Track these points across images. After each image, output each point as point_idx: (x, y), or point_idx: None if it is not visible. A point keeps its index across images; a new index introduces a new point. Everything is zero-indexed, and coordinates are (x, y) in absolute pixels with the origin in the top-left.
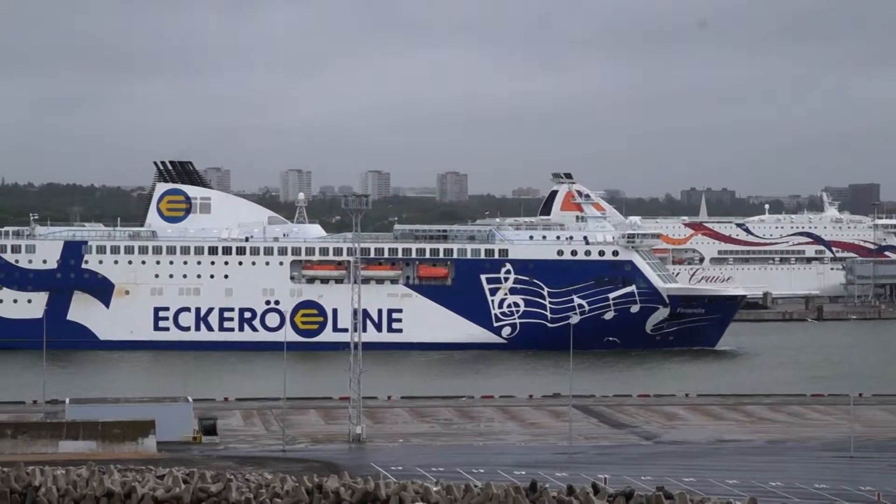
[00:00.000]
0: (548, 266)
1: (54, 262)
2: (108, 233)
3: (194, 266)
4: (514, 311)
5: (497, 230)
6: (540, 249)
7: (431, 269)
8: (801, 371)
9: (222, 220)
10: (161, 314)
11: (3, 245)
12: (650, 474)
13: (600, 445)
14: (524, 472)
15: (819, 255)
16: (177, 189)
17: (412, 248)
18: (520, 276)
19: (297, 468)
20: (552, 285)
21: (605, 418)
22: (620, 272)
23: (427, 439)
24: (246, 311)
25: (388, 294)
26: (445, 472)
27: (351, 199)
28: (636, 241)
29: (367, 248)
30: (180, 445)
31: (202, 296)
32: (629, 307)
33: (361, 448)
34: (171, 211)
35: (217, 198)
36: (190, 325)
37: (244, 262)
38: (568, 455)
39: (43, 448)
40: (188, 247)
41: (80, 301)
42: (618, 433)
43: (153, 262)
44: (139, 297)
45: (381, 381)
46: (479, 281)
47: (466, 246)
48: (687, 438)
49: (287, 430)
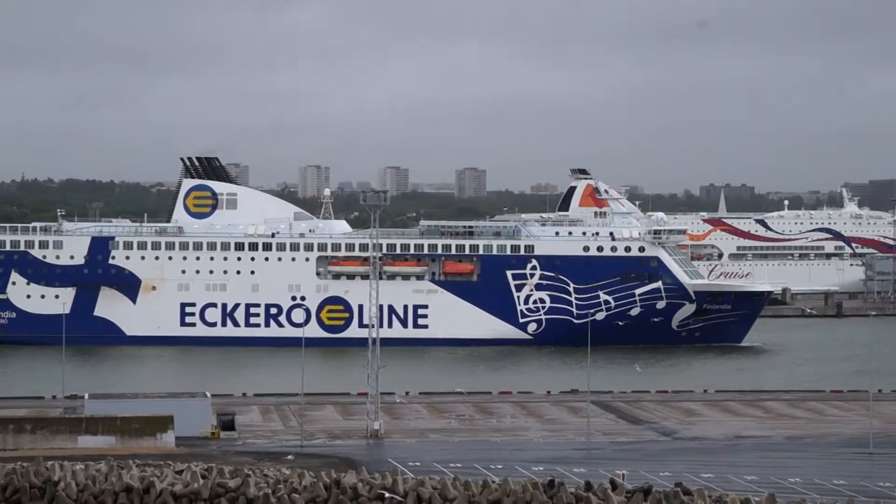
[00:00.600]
0: (574, 262)
1: (81, 257)
2: (135, 228)
3: (220, 262)
4: (539, 307)
5: (522, 226)
6: (566, 245)
7: (457, 266)
8: (828, 367)
9: (248, 215)
10: (187, 310)
11: (31, 241)
12: (668, 470)
13: (618, 441)
14: (542, 468)
15: (839, 251)
16: (203, 185)
17: (438, 245)
18: (545, 272)
19: (315, 464)
20: (578, 281)
21: (623, 414)
22: (646, 268)
23: (445, 435)
24: (272, 307)
25: (414, 290)
26: (463, 468)
27: (369, 195)
28: (662, 237)
29: (392, 245)
30: (198, 441)
31: (228, 291)
32: (655, 303)
33: (379, 444)
34: (198, 207)
35: (243, 193)
36: (216, 321)
37: (270, 258)
38: (586, 451)
39: (62, 443)
40: (214, 242)
41: (107, 296)
42: (636, 429)
43: (180, 258)
44: (166, 292)
45: (401, 377)
46: (504, 277)
47: (492, 242)
48: (705, 434)
49: (305, 425)
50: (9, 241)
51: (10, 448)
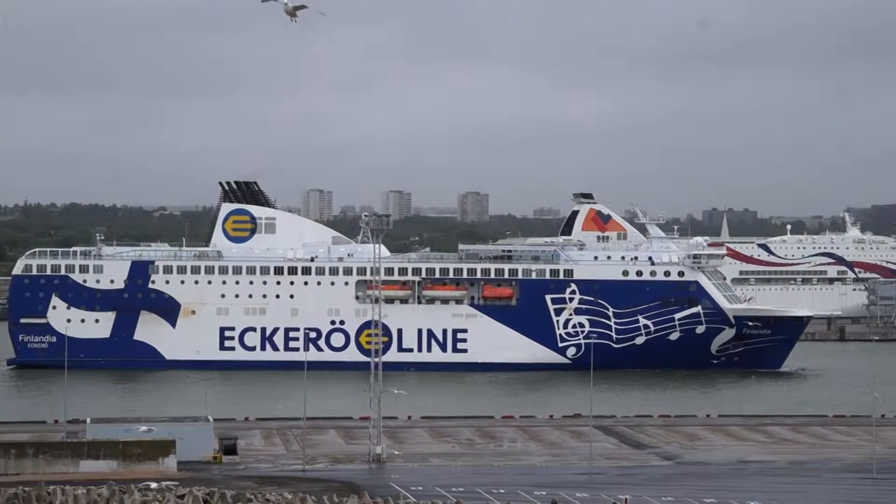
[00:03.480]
0: (613, 286)
1: (121, 281)
2: (174, 252)
3: (260, 286)
4: (579, 331)
5: (561, 250)
6: (605, 270)
7: (496, 290)
8: None
9: (287, 240)
10: (227, 334)
11: (72, 265)
12: (671, 495)
13: (621, 466)
14: (545, 493)
15: (841, 275)
16: (242, 209)
17: (477, 269)
18: (585, 296)
19: (317, 488)
20: (617, 305)
21: (625, 438)
22: (686, 292)
23: (447, 459)
24: (311, 331)
25: (454, 314)
26: (466, 493)
27: (372, 219)
28: (702, 261)
29: (431, 269)
30: (201, 465)
31: (268, 315)
32: (695, 328)
33: (381, 468)
34: (237, 231)
35: (282, 218)
36: (255, 345)
37: (309, 282)
38: (588, 475)
39: (64, 468)
40: (254, 267)
41: (146, 321)
42: (638, 454)
43: (219, 282)
44: (205, 316)
45: (448, 400)
46: (544, 301)
47: (531, 266)
48: (708, 459)
49: (307, 449)
50: (49, 265)
51: (11, 472)
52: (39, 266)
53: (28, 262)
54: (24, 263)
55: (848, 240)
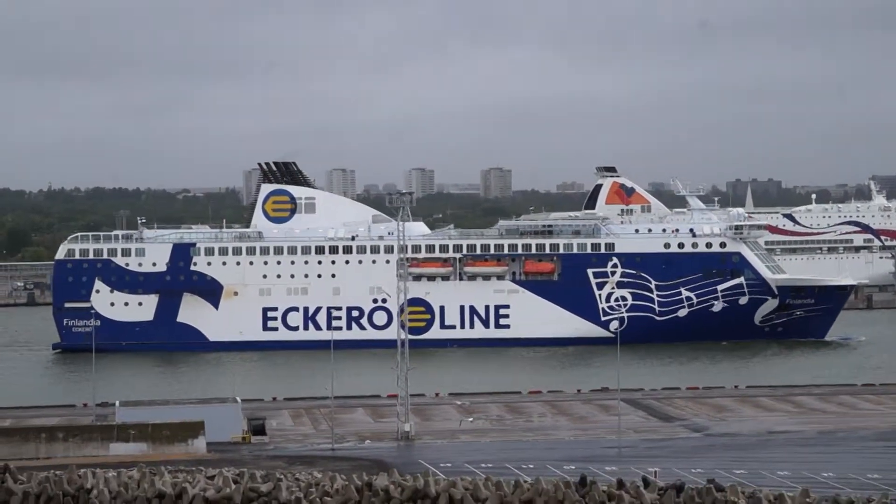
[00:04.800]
0: (655, 259)
1: (164, 264)
2: (216, 234)
3: (301, 266)
4: (621, 305)
5: (602, 224)
6: (646, 243)
7: (538, 265)
8: None
9: (327, 219)
10: (269, 314)
11: (114, 249)
12: (700, 467)
13: (650, 439)
14: (574, 467)
15: (867, 244)
16: (282, 190)
17: (518, 244)
18: (627, 269)
19: (345, 467)
20: (660, 278)
21: (653, 411)
22: (728, 264)
23: (476, 436)
24: (353, 310)
25: (495, 290)
26: (494, 469)
27: (395, 197)
28: (744, 232)
29: (472, 245)
30: (230, 446)
31: (310, 295)
32: (738, 299)
33: (410, 445)
34: (277, 211)
35: (322, 198)
36: (298, 325)
37: (351, 261)
38: (617, 449)
39: (94, 451)
40: (295, 247)
41: (189, 303)
42: (667, 426)
43: (261, 263)
44: (248, 297)
45: (480, 378)
46: (586, 275)
47: (572, 241)
48: (737, 430)
49: (336, 428)
50: (92, 249)
51: (42, 456)
52: (82, 250)
53: (70, 246)
54: (67, 248)
55: (874, 208)
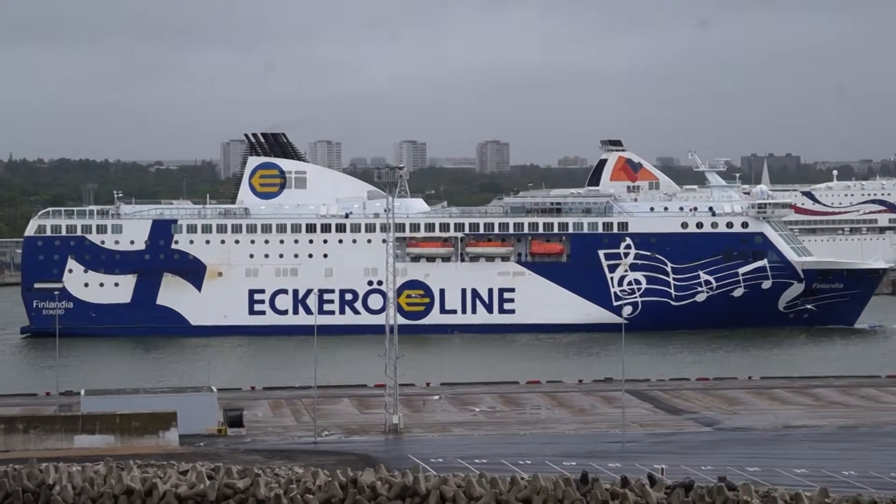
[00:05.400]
0: (671, 240)
1: (142, 242)
2: (198, 211)
3: (291, 245)
4: (635, 289)
5: (615, 202)
6: (662, 222)
7: (545, 245)
8: None
9: (319, 195)
10: (256, 297)
11: (88, 225)
12: (710, 463)
13: (656, 433)
14: (574, 463)
15: (893, 224)
16: (270, 163)
17: (524, 223)
18: (641, 251)
19: (329, 461)
20: (676, 260)
21: (660, 404)
22: (750, 245)
23: (469, 429)
24: (347, 293)
25: (499, 272)
26: (489, 464)
27: (384, 172)
28: (767, 211)
29: (475, 224)
30: (204, 438)
31: (300, 277)
32: (760, 283)
33: (398, 439)
34: (265, 186)
35: (313, 171)
36: (287, 309)
37: (344, 241)
38: (621, 444)
39: (57, 443)
40: (284, 224)
41: (170, 284)
42: (675, 420)
43: (247, 242)
44: (233, 278)
45: (481, 366)
46: (597, 257)
47: (582, 220)
48: (750, 424)
49: (319, 420)
50: (64, 225)
51: (1, 449)
52: (54, 227)
53: (41, 222)
54: (37, 224)
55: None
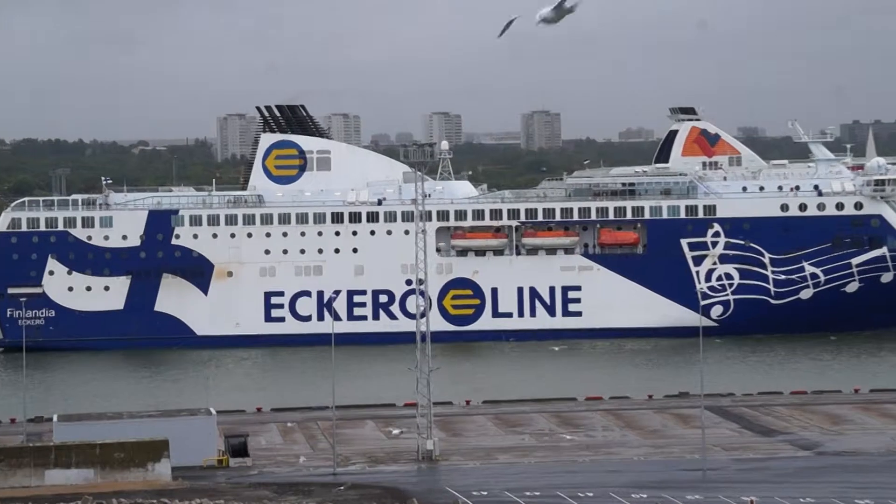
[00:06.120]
0: (769, 225)
1: (137, 237)
2: (203, 199)
3: (314, 238)
4: (725, 285)
5: (699, 181)
6: (758, 204)
7: (617, 234)
8: None
9: (347, 178)
10: (273, 301)
11: (72, 218)
12: (810, 495)
13: (743, 459)
14: (645, 496)
15: None
16: (287, 141)
17: (591, 208)
18: (732, 239)
19: (352, 497)
20: (776, 250)
21: (748, 423)
22: (866, 230)
23: (517, 455)
24: (381, 294)
25: (562, 267)
26: (542, 498)
27: (412, 150)
28: (886, 188)
29: (532, 210)
30: (201, 471)
31: (325, 276)
32: (878, 276)
33: (434, 469)
34: (282, 169)
35: (338, 151)
36: (310, 314)
37: (377, 232)
38: (701, 472)
39: (25, 480)
40: (305, 214)
41: (170, 286)
42: (766, 442)
43: (261, 235)
44: (245, 279)
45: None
46: (679, 247)
47: (661, 203)
48: (858, 447)
49: (338, 447)
50: (43, 218)
51: None
52: (31, 220)
53: (15, 215)
54: (11, 217)
55: None
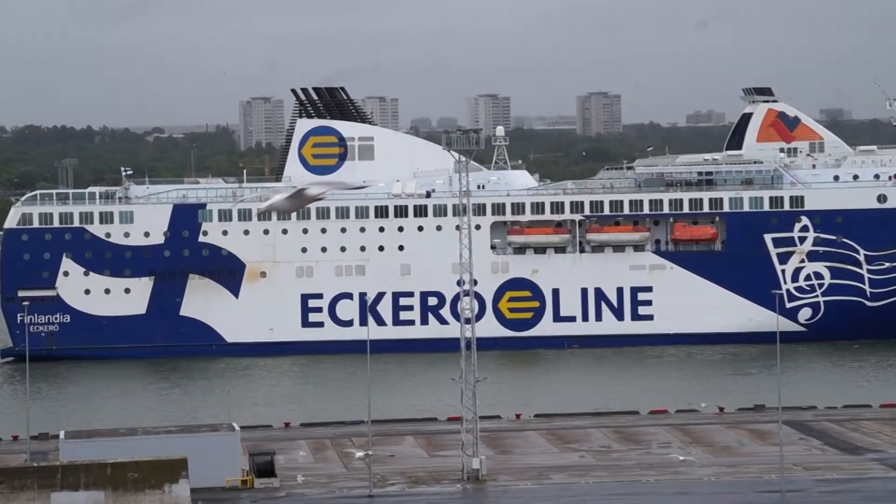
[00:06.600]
0: (864, 219)
1: (160, 234)
2: (233, 192)
3: (356, 235)
4: (815, 285)
5: (785, 169)
6: (851, 195)
7: (693, 230)
8: None
9: (391, 168)
10: (311, 304)
11: (89, 213)
12: None
13: (827, 479)
14: None
15: None
16: (326, 127)
17: (663, 200)
18: (823, 234)
19: None
20: (872, 246)
21: (831, 439)
22: None
23: (574, 475)
24: (430, 297)
25: (632, 266)
26: None
27: (456, 136)
28: None
29: (597, 202)
30: (224, 492)
31: (369, 276)
32: None
33: (481, 490)
34: (320, 158)
35: (382, 137)
36: (352, 319)
37: (425, 228)
38: (780, 493)
39: (29, 503)
40: (346, 208)
41: (197, 288)
42: (852, 461)
43: (298, 232)
44: (281, 280)
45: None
46: (762, 244)
47: (742, 194)
48: None
49: (376, 466)
50: (57, 214)
51: None
52: (43, 216)
53: (27, 209)
54: (22, 213)
55: None
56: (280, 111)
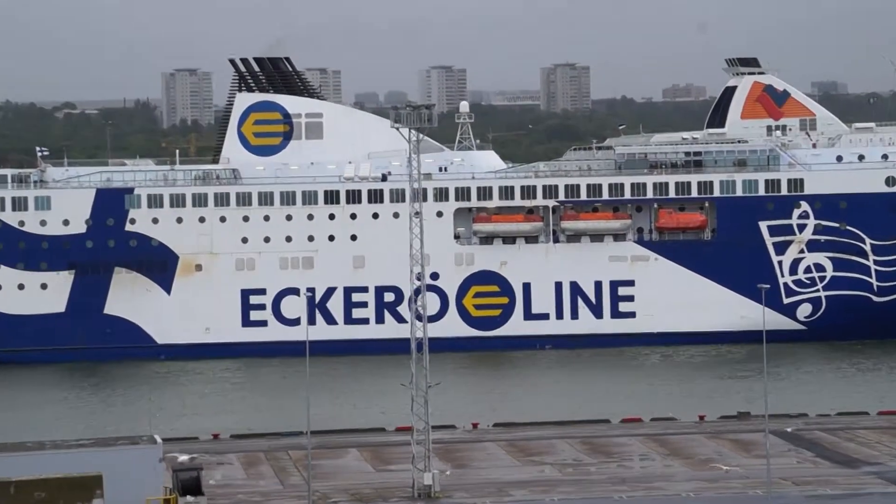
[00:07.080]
0: (871, 204)
1: (82, 222)
2: (164, 174)
3: (303, 223)
4: (816, 278)
5: (782, 149)
6: (856, 178)
7: (680, 216)
8: None
9: (343, 148)
10: (253, 300)
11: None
12: None
13: (819, 495)
14: None
15: None
16: (269, 102)
17: (647, 184)
18: (824, 221)
19: None
20: (879, 235)
21: (824, 450)
22: None
23: (537, 491)
24: (386, 292)
25: (612, 257)
26: None
27: (405, 112)
28: None
29: (573, 186)
30: None
31: (317, 270)
32: None
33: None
34: (262, 137)
35: (333, 114)
36: (299, 317)
37: (381, 215)
38: None
39: None
40: (292, 193)
41: (124, 283)
42: (847, 475)
43: (238, 219)
44: (218, 274)
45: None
46: (757, 232)
47: (735, 176)
48: None
49: (315, 482)
50: None
51: None
52: None
53: None
54: None
55: None
56: (208, 85)
